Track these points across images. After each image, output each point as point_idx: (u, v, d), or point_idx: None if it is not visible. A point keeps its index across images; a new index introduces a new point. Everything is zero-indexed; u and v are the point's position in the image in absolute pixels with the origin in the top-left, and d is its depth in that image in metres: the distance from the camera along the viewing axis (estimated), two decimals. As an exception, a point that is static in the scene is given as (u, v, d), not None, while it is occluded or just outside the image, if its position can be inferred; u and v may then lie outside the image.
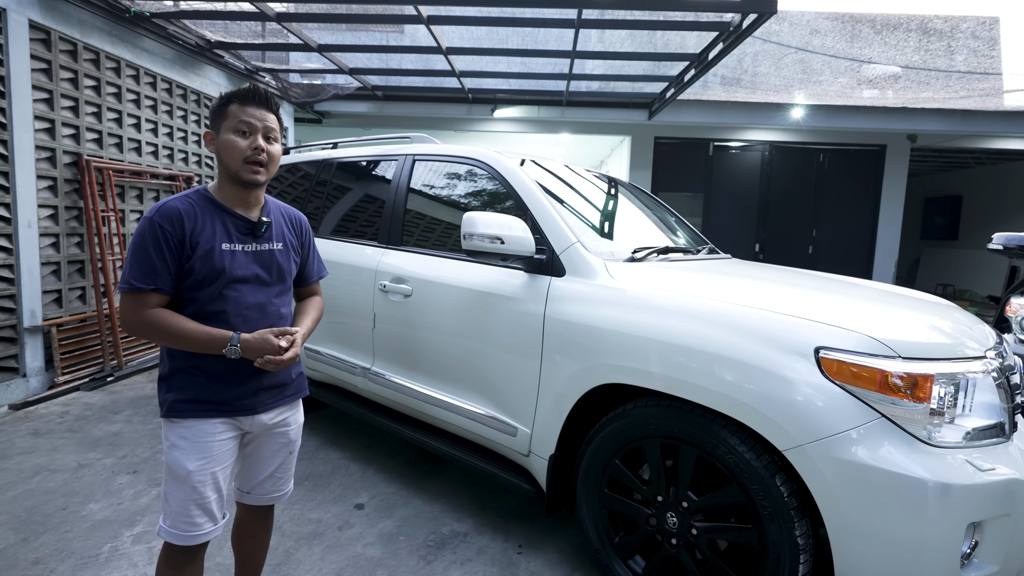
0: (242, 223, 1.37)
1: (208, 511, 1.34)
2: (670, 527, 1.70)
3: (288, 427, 1.50)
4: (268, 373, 1.40)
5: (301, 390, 1.54)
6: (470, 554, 2.09)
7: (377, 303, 2.57)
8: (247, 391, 1.37)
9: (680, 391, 1.61)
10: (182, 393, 1.32)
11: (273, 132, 1.36)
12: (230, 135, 1.31)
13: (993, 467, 1.36)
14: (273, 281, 1.42)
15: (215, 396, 1.33)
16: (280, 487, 1.54)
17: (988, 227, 9.88)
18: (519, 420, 2.05)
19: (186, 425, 1.31)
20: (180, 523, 1.31)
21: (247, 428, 1.41)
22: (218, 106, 1.34)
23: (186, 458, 1.30)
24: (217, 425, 1.34)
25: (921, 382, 1.37)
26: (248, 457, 1.48)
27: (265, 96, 1.36)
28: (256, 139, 1.32)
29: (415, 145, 2.83)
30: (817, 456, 1.38)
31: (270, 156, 1.35)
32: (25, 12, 3.45)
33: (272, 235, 1.43)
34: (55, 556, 1.97)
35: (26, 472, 2.58)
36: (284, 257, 1.45)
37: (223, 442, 1.35)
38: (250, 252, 1.38)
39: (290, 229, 1.51)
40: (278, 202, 1.52)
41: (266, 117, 1.35)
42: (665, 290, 1.79)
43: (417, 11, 4.12)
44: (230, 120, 1.32)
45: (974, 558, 1.38)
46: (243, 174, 1.32)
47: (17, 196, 3.44)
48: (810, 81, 7.25)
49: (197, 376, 1.32)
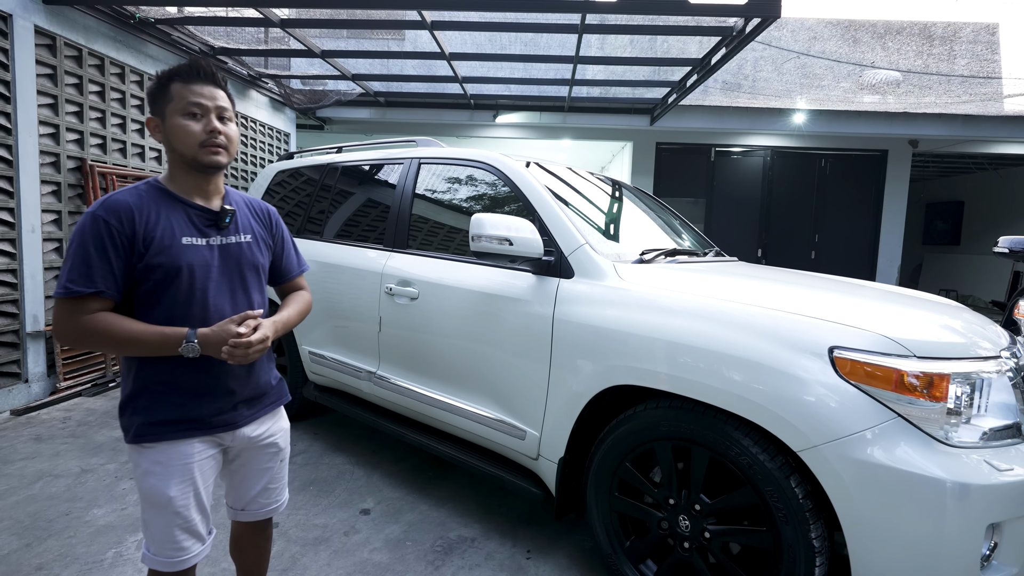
0: (203, 214, 1.23)
1: (194, 533, 1.24)
2: (682, 530, 1.68)
3: (273, 436, 1.39)
4: (245, 383, 1.29)
5: (282, 397, 1.44)
6: (478, 559, 2.06)
7: (383, 306, 2.56)
8: (225, 405, 1.25)
9: (692, 392, 1.60)
10: (151, 414, 1.18)
11: (226, 111, 1.22)
12: (179, 119, 1.16)
13: (1012, 467, 1.34)
14: (244, 277, 1.29)
15: (189, 414, 1.20)
16: (275, 498, 1.44)
17: (990, 232, 9.89)
18: (528, 423, 2.03)
19: (159, 449, 1.18)
20: (166, 549, 1.21)
21: (228, 443, 1.30)
22: (158, 87, 1.18)
23: (164, 485, 1.18)
24: (195, 445, 1.22)
25: (937, 381, 1.36)
26: (236, 474, 1.37)
27: (211, 71, 1.21)
28: (210, 120, 1.18)
29: (421, 148, 2.83)
30: (833, 457, 1.36)
31: (228, 137, 1.21)
32: (31, 18, 3.46)
33: (238, 226, 1.30)
34: (59, 561, 1.94)
35: (29, 477, 2.56)
36: (254, 250, 1.33)
37: (204, 461, 1.24)
38: (216, 246, 1.24)
39: (257, 220, 1.38)
40: (241, 192, 1.40)
41: (216, 95, 1.20)
42: (675, 291, 1.78)
43: (421, 16, 4.14)
44: (176, 102, 1.16)
45: (993, 560, 1.36)
46: (202, 157, 1.18)
47: (21, 201, 3.44)
48: (811, 86, 7.27)
49: (167, 393, 1.19)
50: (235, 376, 1.27)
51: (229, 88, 1.26)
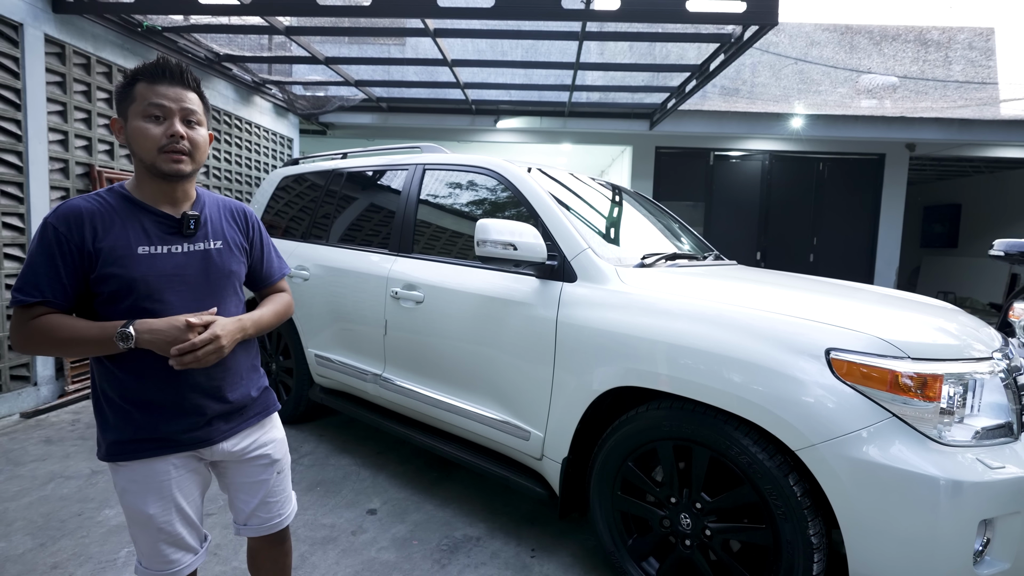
0: (165, 221, 1.15)
1: (182, 546, 1.20)
2: (684, 528, 1.72)
3: (263, 448, 1.31)
4: (217, 398, 1.20)
5: (268, 407, 1.34)
6: (484, 558, 2.10)
7: (389, 310, 2.61)
8: (196, 422, 1.17)
9: (693, 393, 1.64)
10: (120, 432, 1.12)
11: (194, 114, 1.14)
12: (139, 121, 1.09)
13: (1003, 465, 1.39)
14: (213, 288, 1.20)
15: (157, 433, 1.13)
16: (276, 512, 1.35)
17: (987, 235, 9.94)
18: (532, 424, 2.07)
19: (132, 468, 1.13)
20: (155, 563, 1.18)
21: (210, 458, 1.24)
22: (123, 87, 1.11)
23: (143, 503, 1.14)
24: (170, 460, 1.16)
25: (931, 382, 1.40)
26: (229, 487, 1.31)
27: (179, 71, 1.13)
28: (172, 124, 1.10)
29: (425, 155, 2.88)
30: (830, 455, 1.41)
31: (193, 143, 1.13)
32: (41, 27, 3.52)
33: (208, 232, 1.21)
34: (73, 560, 1.98)
35: (40, 479, 2.60)
36: (225, 257, 1.23)
37: (182, 477, 1.18)
38: (179, 254, 1.15)
39: (232, 225, 1.28)
40: (216, 195, 1.31)
41: (183, 96, 1.12)
42: (676, 294, 1.82)
43: (424, 24, 4.20)
44: (138, 103, 1.09)
45: (986, 555, 1.40)
46: (161, 164, 1.10)
47: (31, 206, 3.49)
48: (809, 91, 7.34)
49: (132, 410, 1.12)
50: (204, 391, 1.18)
51: (201, 89, 1.19)
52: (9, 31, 3.34)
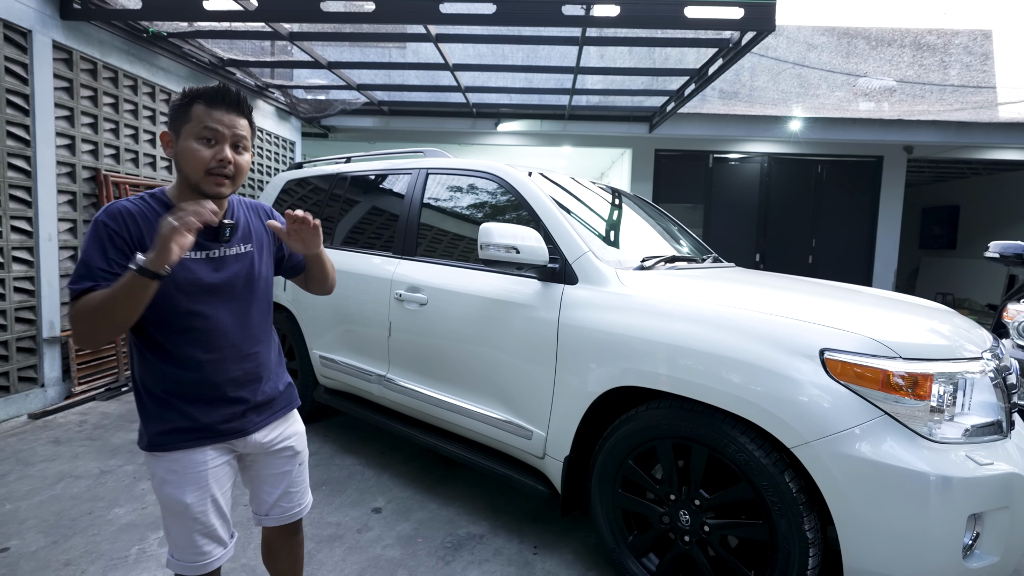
0: (205, 229, 1.18)
1: (215, 537, 1.26)
2: (683, 525, 1.77)
3: (287, 440, 1.39)
4: (252, 390, 1.28)
5: (292, 401, 1.44)
6: (487, 555, 2.15)
7: (393, 312, 2.65)
8: (232, 413, 1.26)
9: (691, 392, 1.69)
10: (163, 423, 1.20)
11: (243, 140, 1.20)
12: (192, 142, 1.15)
13: (992, 462, 1.43)
14: (245, 287, 1.29)
15: (199, 422, 1.21)
16: (297, 501, 1.44)
17: (985, 236, 9.99)
18: (534, 423, 2.12)
19: (172, 458, 1.21)
20: (188, 554, 1.25)
21: (242, 450, 1.32)
22: (180, 105, 1.17)
23: (180, 492, 1.20)
24: (208, 452, 1.23)
25: (921, 381, 1.45)
26: (255, 480, 1.39)
27: (236, 99, 1.19)
28: (223, 149, 1.16)
29: (429, 159, 2.93)
30: (824, 452, 1.45)
31: (238, 167, 1.19)
32: (49, 33, 3.57)
33: (239, 237, 1.29)
34: (85, 558, 2.03)
35: (50, 478, 2.64)
36: (255, 260, 1.31)
37: (218, 468, 1.26)
38: (215, 258, 1.23)
39: (260, 227, 1.37)
40: (242, 198, 1.38)
41: (236, 123, 1.18)
42: (675, 296, 1.87)
43: (426, 30, 4.26)
44: (193, 124, 1.15)
45: (976, 549, 1.44)
46: (205, 186, 1.17)
47: (39, 210, 3.54)
48: (807, 94, 7.40)
49: (175, 402, 1.20)
50: (240, 383, 1.28)
51: (252, 115, 1.25)
52: (18, 38, 3.39)
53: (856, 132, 7.23)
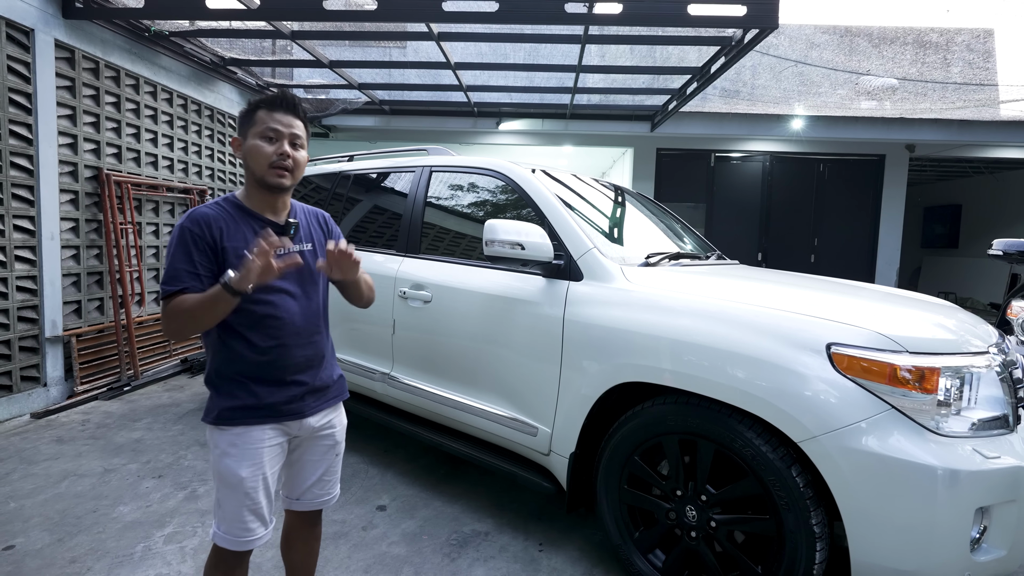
0: (272, 226, 1.38)
1: (260, 516, 1.36)
2: (689, 520, 1.76)
3: (333, 429, 1.51)
4: (313, 375, 1.42)
5: (343, 392, 1.56)
6: (492, 552, 2.14)
7: (397, 309, 2.65)
8: (293, 395, 1.39)
9: (698, 388, 1.68)
10: (231, 400, 1.33)
11: (299, 139, 1.38)
12: (257, 141, 1.33)
13: (999, 455, 1.43)
14: (310, 280, 1.44)
15: (263, 402, 1.35)
16: (328, 490, 1.54)
17: (988, 235, 9.98)
18: (539, 420, 2.11)
19: (236, 432, 1.33)
20: (235, 529, 1.34)
21: (295, 432, 1.43)
22: (246, 112, 1.36)
23: (238, 465, 1.32)
24: (267, 431, 1.36)
25: (928, 375, 1.45)
26: (295, 463, 1.49)
27: (292, 102, 1.37)
28: (282, 145, 1.33)
29: (432, 157, 2.93)
30: (831, 447, 1.45)
31: (295, 162, 1.36)
32: (51, 32, 3.58)
33: (302, 236, 1.46)
34: (90, 555, 2.03)
35: (54, 477, 2.64)
36: (314, 257, 1.46)
37: (272, 447, 1.37)
38: (282, 254, 1.35)
39: (318, 229, 1.53)
40: (302, 204, 1.54)
41: (293, 123, 1.36)
42: (681, 292, 1.87)
43: (429, 29, 4.26)
44: (257, 126, 1.33)
45: (983, 543, 1.44)
46: (268, 178, 1.34)
47: (41, 209, 3.54)
48: (809, 93, 7.39)
49: (244, 382, 1.34)
50: (302, 369, 1.41)
51: (307, 118, 1.43)
52: (20, 36, 3.40)
53: (858, 131, 7.22)
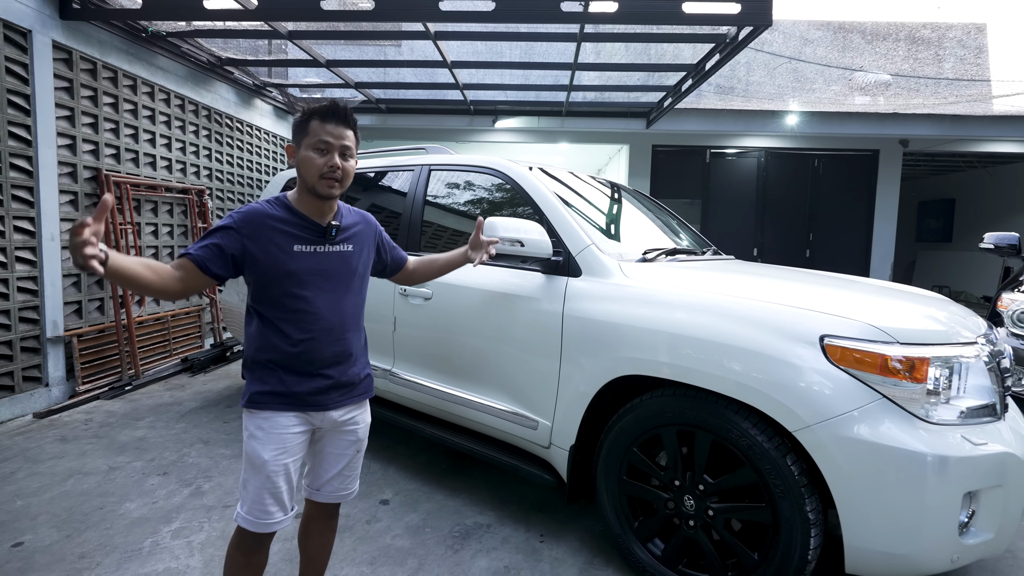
0: (315, 228, 1.44)
1: (280, 501, 1.41)
2: (687, 510, 1.81)
3: (357, 425, 1.55)
4: (340, 370, 1.46)
5: (369, 391, 1.60)
6: (495, 543, 2.18)
7: (397, 307, 2.68)
8: (319, 387, 1.44)
9: (695, 380, 1.72)
10: (261, 385, 1.40)
11: (349, 149, 1.42)
12: (309, 152, 1.38)
13: (986, 442, 1.47)
14: (344, 280, 1.49)
15: (290, 390, 1.40)
16: (348, 485, 1.59)
17: (981, 229, 10.06)
18: (540, 414, 2.15)
19: (263, 416, 1.39)
20: (255, 510, 1.39)
21: (318, 424, 1.48)
22: (300, 121, 1.41)
23: (262, 448, 1.38)
24: (291, 418, 1.41)
25: (918, 365, 1.49)
26: (318, 454, 1.54)
27: (344, 113, 1.41)
28: (332, 157, 1.38)
29: (431, 155, 2.95)
30: (825, 435, 1.49)
31: (345, 172, 1.41)
32: (49, 33, 3.58)
33: (343, 237, 1.50)
34: (99, 551, 2.06)
35: (60, 475, 2.66)
36: (355, 258, 1.52)
37: (296, 435, 1.42)
38: (322, 253, 1.45)
39: (364, 231, 1.58)
40: (348, 206, 1.58)
41: (344, 134, 1.40)
42: (678, 287, 1.91)
43: (425, 27, 4.28)
44: (310, 137, 1.38)
45: (971, 526, 1.49)
46: (319, 188, 1.39)
47: (41, 210, 3.55)
48: (803, 89, 7.44)
49: (274, 370, 1.40)
50: (330, 363, 1.46)
51: (357, 126, 1.47)
52: (18, 38, 3.40)
53: (852, 126, 7.28)
